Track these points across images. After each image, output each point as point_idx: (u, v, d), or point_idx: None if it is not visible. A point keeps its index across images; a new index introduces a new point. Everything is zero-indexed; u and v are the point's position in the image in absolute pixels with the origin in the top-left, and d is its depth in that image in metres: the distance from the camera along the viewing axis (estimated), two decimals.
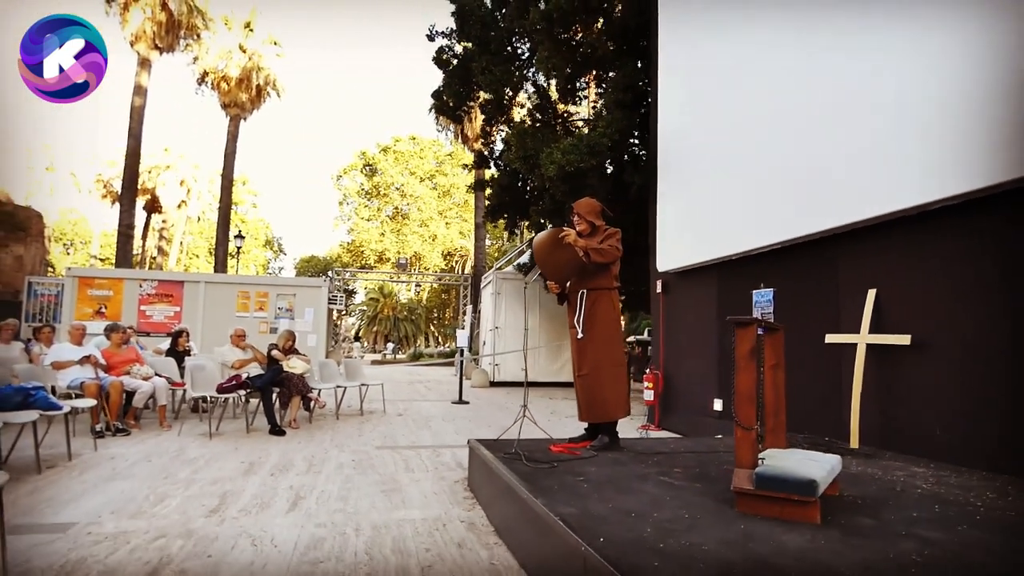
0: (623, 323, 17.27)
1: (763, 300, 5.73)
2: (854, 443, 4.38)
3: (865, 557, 1.98)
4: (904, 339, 4.16)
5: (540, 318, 13.68)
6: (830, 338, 4.76)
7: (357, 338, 49.36)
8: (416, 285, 48.80)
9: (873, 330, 4.43)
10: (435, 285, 45.04)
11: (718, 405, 6.33)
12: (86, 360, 5.95)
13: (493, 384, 13.71)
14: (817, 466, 2.52)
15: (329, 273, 27.92)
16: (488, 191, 13.44)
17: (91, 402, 5.41)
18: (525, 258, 13.96)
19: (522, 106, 12.83)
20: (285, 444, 5.62)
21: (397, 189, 46.81)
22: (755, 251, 5.76)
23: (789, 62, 5.35)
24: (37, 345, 7.29)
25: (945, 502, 2.78)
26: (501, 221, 12.83)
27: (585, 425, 4.29)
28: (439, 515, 3.49)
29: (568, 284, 4.25)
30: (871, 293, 4.50)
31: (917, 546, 2.10)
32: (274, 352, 6.61)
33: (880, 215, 4.35)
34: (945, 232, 4.01)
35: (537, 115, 11.25)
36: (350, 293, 50.08)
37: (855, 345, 4.51)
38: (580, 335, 4.12)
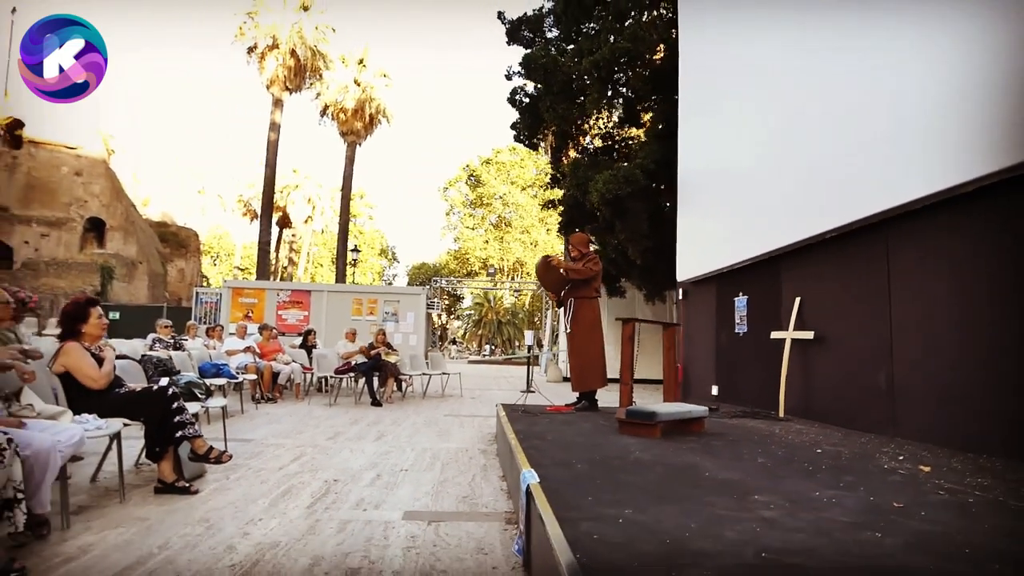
0: None
1: (740, 305, 7.18)
2: (781, 413, 5.83)
3: (672, 451, 3.68)
4: (808, 334, 5.59)
5: (608, 321, 15.29)
6: (773, 335, 6.21)
7: (454, 341, 52.30)
8: (516, 290, 51.09)
9: (797, 328, 5.86)
10: (536, 290, 47.16)
11: (715, 391, 7.80)
12: (248, 349, 8.48)
13: (566, 379, 15.49)
14: (667, 409, 4.20)
15: (430, 283, 30.75)
16: (560, 208, 15.28)
17: (252, 377, 7.87)
18: None
19: (586, 133, 14.53)
20: (380, 412, 7.80)
21: (500, 198, 49.28)
22: (736, 265, 7.22)
23: (774, 108, 6.81)
24: (210, 340, 10.04)
25: (781, 443, 4.34)
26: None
27: (577, 394, 6.06)
28: (467, 447, 5.43)
29: (562, 294, 6.05)
30: (797, 300, 5.93)
31: (713, 452, 3.77)
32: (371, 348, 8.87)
33: (804, 238, 5.77)
34: (846, 252, 5.38)
35: (596, 142, 12.97)
36: (457, 299, 53.56)
37: (784, 339, 5.95)
38: (568, 330, 5.92)
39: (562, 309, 6.09)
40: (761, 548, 1.75)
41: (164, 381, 3.96)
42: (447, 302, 51.06)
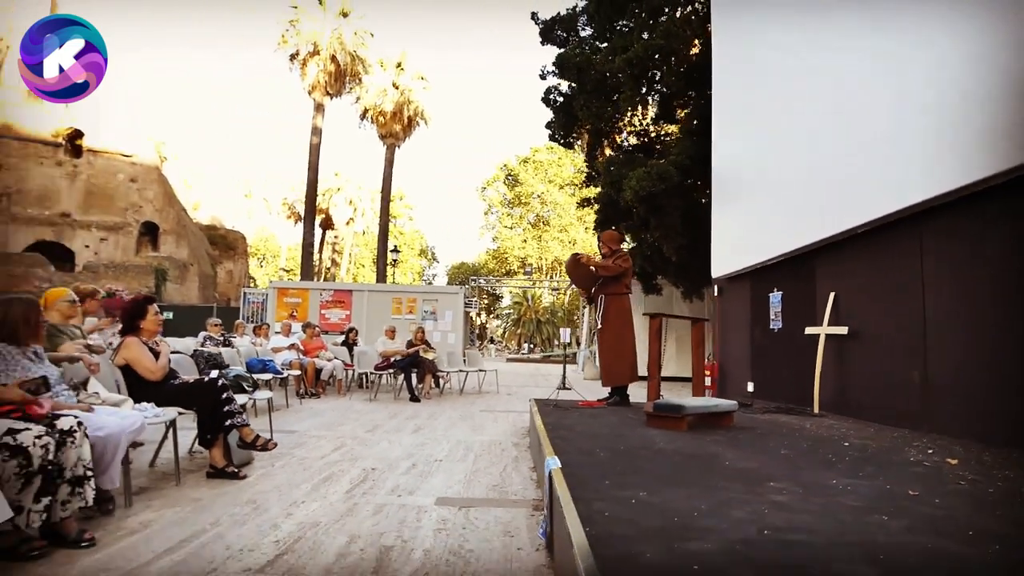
0: None
1: (775, 301, 7.14)
2: (816, 409, 5.80)
3: (696, 442, 3.76)
4: (843, 329, 5.55)
5: (640, 317, 15.27)
6: (808, 330, 6.17)
7: (492, 340, 52.61)
8: (555, 289, 51.06)
9: (832, 323, 5.82)
10: (574, 289, 47.07)
11: (750, 387, 7.77)
12: (293, 347, 8.83)
13: None
14: (694, 403, 4.27)
15: (467, 282, 31.07)
16: (596, 206, 15.32)
17: (296, 372, 8.20)
18: None
19: (621, 131, 14.52)
20: (418, 407, 8.03)
21: (537, 197, 49.38)
22: (770, 261, 7.18)
23: (806, 104, 6.76)
24: (257, 338, 10.46)
25: (807, 437, 4.36)
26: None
27: (608, 389, 6.15)
28: (500, 440, 5.58)
29: (592, 291, 6.14)
30: (832, 295, 5.88)
31: (736, 444, 3.83)
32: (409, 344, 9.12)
33: (837, 233, 5.72)
34: (879, 247, 5.34)
35: (631, 140, 12.97)
36: (497, 298, 53.93)
37: (819, 335, 5.91)
38: (599, 326, 6.01)
39: (593, 305, 6.19)
40: (765, 527, 1.84)
41: (214, 373, 4.23)
42: (486, 302, 51.48)
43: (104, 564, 2.36)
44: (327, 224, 44.22)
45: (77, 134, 23.85)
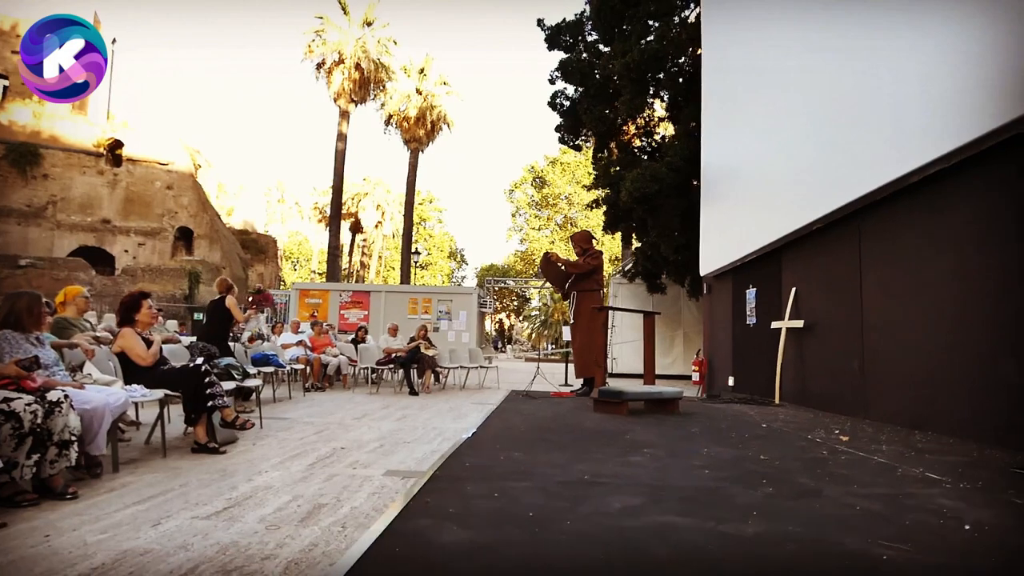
0: None
1: (751, 297, 7.39)
2: (777, 399, 6.05)
3: (623, 423, 4.11)
4: (799, 323, 5.80)
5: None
6: (773, 324, 6.42)
7: (510, 341, 52.82)
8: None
9: (792, 317, 6.07)
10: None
11: (731, 381, 8.01)
12: (301, 343, 9.39)
13: (610, 375, 15.80)
14: (637, 390, 4.60)
15: (484, 283, 31.54)
16: (604, 208, 15.60)
17: (300, 366, 8.76)
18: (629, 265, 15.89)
19: (625, 134, 14.78)
20: (415, 400, 8.49)
21: (565, 198, 49.61)
22: (748, 258, 7.42)
23: (779, 105, 7.02)
24: (272, 336, 11.10)
25: (735, 421, 4.66)
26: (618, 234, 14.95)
27: (582, 380, 6.50)
28: (475, 426, 5.98)
29: (567, 287, 6.51)
30: (793, 290, 6.13)
31: (657, 425, 4.17)
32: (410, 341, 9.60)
33: (796, 229, 5.97)
34: (829, 242, 5.58)
35: (636, 142, 13.25)
36: (525, 300, 54.30)
37: (781, 329, 6.16)
38: (571, 321, 6.37)
39: (567, 302, 6.55)
40: (590, 473, 2.21)
41: (200, 360, 4.73)
42: (515, 304, 51.88)
43: (81, 511, 2.86)
44: (356, 227, 45.30)
45: (117, 144, 25.13)
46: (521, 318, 56.81)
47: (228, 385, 4.83)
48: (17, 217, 23.12)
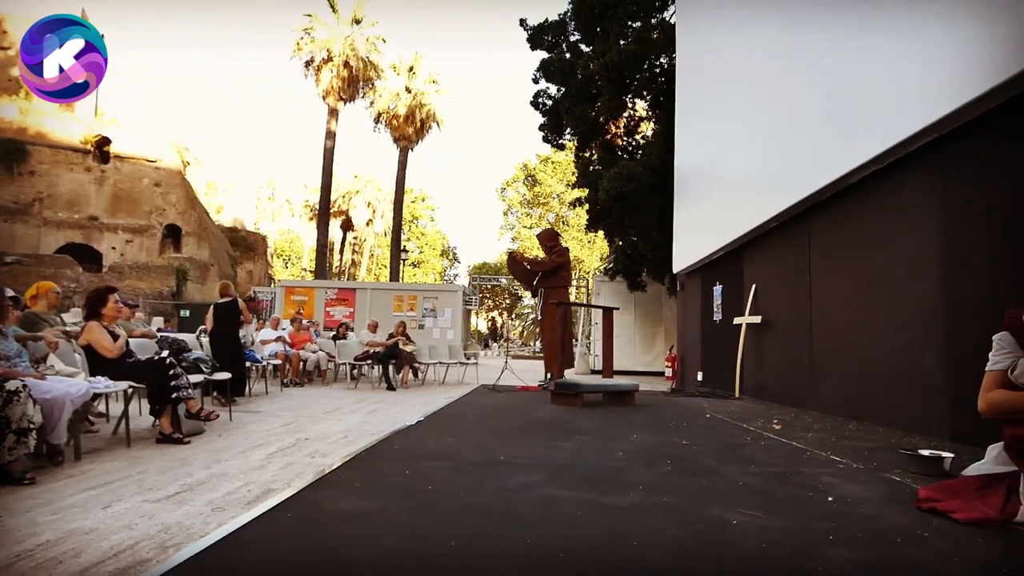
0: None
1: (717, 294, 7.56)
2: (737, 393, 6.23)
3: (574, 414, 4.26)
4: (757, 319, 5.97)
5: (635, 314, 15.69)
6: (735, 320, 6.59)
7: (498, 338, 53.01)
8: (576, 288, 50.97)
9: (752, 313, 6.24)
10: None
11: (700, 376, 8.18)
12: (280, 339, 9.51)
13: (593, 372, 15.96)
14: (590, 383, 4.76)
15: (470, 280, 31.67)
16: (586, 206, 15.76)
17: (277, 362, 8.88)
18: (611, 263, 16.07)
19: (606, 133, 14.93)
20: (391, 395, 8.62)
21: (557, 197, 49.72)
22: (714, 256, 7.59)
23: (744, 105, 7.18)
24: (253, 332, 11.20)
25: (683, 412, 4.82)
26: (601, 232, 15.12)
27: (549, 374, 6.65)
28: None
29: (535, 284, 6.65)
30: (753, 287, 6.30)
31: (605, 416, 4.32)
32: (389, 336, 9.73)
33: (755, 227, 6.14)
34: (784, 239, 5.75)
35: (617, 142, 13.41)
36: (518, 298, 54.40)
37: (742, 324, 6.34)
38: (539, 317, 6.52)
39: (536, 298, 6.70)
40: (506, 455, 2.35)
41: (165, 353, 4.85)
42: (508, 302, 52.00)
43: (36, 495, 2.98)
44: (347, 225, 45.32)
45: (105, 141, 25.11)
46: (513, 316, 56.99)
47: (196, 378, 4.95)
48: (3, 214, 23.08)
